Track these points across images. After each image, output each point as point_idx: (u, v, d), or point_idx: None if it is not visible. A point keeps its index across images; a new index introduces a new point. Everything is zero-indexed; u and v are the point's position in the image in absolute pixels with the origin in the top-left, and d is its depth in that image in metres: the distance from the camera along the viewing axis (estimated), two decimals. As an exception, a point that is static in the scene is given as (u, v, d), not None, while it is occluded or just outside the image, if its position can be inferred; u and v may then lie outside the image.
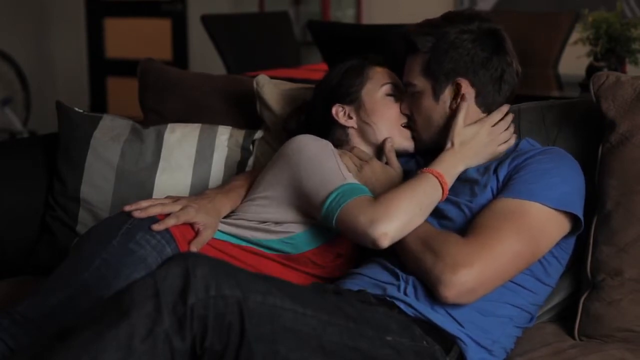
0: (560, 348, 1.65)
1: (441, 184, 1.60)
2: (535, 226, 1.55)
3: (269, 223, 1.71)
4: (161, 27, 5.96)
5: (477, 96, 1.69)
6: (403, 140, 1.78)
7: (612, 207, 1.69)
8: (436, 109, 1.71)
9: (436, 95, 1.70)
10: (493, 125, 1.68)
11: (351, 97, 1.80)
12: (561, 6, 4.60)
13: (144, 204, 1.65)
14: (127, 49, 6.02)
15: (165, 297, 1.23)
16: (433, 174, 1.60)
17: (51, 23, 6.31)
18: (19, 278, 2.04)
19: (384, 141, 1.77)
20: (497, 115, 1.69)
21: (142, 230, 1.60)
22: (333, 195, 1.57)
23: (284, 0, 5.68)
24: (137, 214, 1.62)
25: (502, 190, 1.61)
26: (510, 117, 1.71)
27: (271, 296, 1.28)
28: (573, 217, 1.60)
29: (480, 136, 1.66)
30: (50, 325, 1.48)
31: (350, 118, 1.80)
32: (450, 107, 1.70)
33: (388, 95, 1.79)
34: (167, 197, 1.72)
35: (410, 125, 1.77)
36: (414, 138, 1.78)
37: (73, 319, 1.32)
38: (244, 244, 1.70)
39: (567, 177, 1.62)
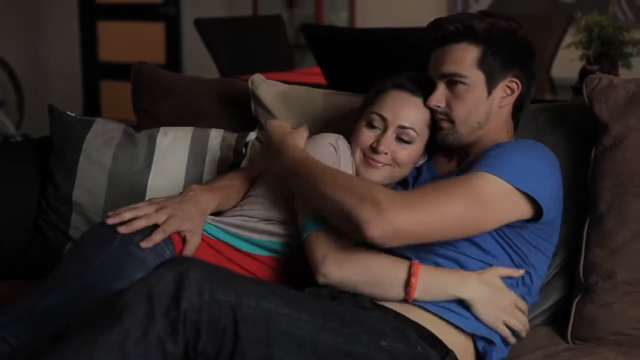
0: (553, 351, 1.66)
1: (409, 283, 1.50)
2: (483, 194, 1.49)
3: (273, 222, 1.70)
4: (155, 31, 5.95)
5: (519, 93, 1.67)
6: (363, 171, 1.69)
7: (604, 209, 1.69)
8: (484, 103, 1.64)
9: (489, 90, 1.64)
10: (517, 307, 1.57)
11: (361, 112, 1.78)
12: (554, 9, 4.62)
13: (126, 215, 1.60)
14: (121, 52, 6.02)
15: (158, 300, 1.23)
16: (412, 265, 1.51)
17: (44, 26, 6.31)
18: (12, 281, 2.04)
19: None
20: (524, 304, 1.59)
21: (141, 234, 1.59)
22: (312, 217, 1.58)
23: (278, 3, 5.69)
24: (122, 230, 1.58)
25: None
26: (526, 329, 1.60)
27: (265, 301, 1.28)
28: (537, 203, 1.54)
29: (502, 299, 1.54)
30: (53, 323, 1.48)
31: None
32: (498, 104, 1.65)
33: (369, 124, 1.70)
34: (149, 202, 1.67)
35: (442, 118, 1.67)
36: (446, 130, 1.66)
37: (75, 318, 1.31)
38: (246, 249, 1.69)
39: (532, 158, 1.57)
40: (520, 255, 1.59)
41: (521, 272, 1.58)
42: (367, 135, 1.69)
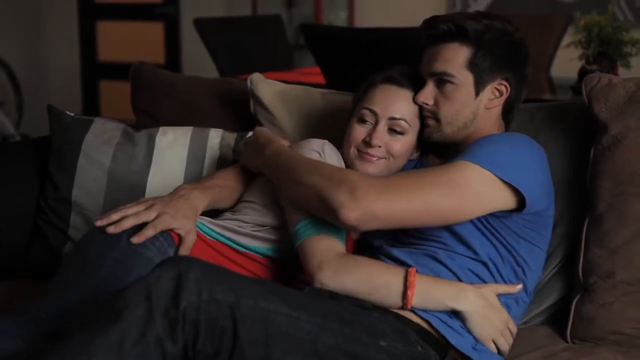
0: (552, 351, 1.66)
1: (406, 294, 1.48)
2: (461, 182, 1.49)
3: (267, 228, 1.70)
4: (154, 31, 5.95)
5: (507, 96, 1.66)
6: (359, 166, 1.68)
7: (603, 209, 1.69)
8: (471, 104, 1.64)
9: (477, 91, 1.64)
10: (509, 327, 1.56)
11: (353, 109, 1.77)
12: (553, 9, 4.62)
13: (114, 216, 1.59)
14: (120, 52, 6.01)
15: (157, 300, 1.23)
16: (409, 276, 1.50)
17: (44, 26, 6.30)
18: (13, 281, 2.04)
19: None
20: (514, 327, 1.58)
21: None
22: (303, 223, 1.57)
23: (277, 3, 5.69)
24: (110, 230, 1.57)
25: None
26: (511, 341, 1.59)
27: (264, 300, 1.28)
28: (521, 193, 1.53)
29: (496, 317, 1.53)
30: (66, 324, 1.47)
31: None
32: (485, 105, 1.65)
33: (360, 119, 1.70)
34: (137, 202, 1.65)
35: (429, 115, 1.67)
36: (432, 128, 1.67)
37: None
38: (242, 249, 1.69)
39: (515, 148, 1.57)
40: (507, 248, 1.58)
41: (519, 287, 1.58)
42: (359, 131, 1.69)
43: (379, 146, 1.67)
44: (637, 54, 2.94)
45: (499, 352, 1.55)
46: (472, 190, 1.50)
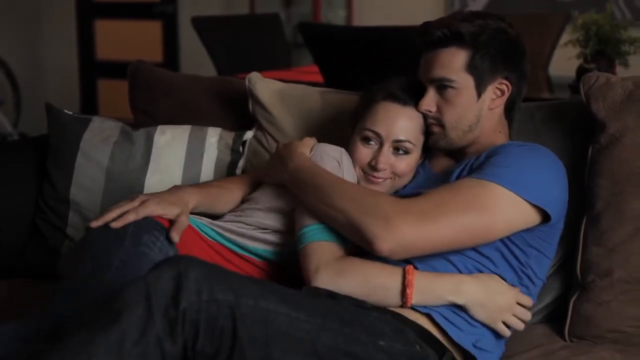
0: (550, 349, 1.66)
1: (405, 293, 1.49)
2: (491, 205, 1.50)
3: (270, 231, 1.70)
4: (152, 29, 5.95)
5: (509, 94, 1.66)
6: (366, 186, 1.69)
7: (601, 207, 1.69)
8: (474, 106, 1.64)
9: (478, 92, 1.63)
10: (520, 302, 1.56)
11: (353, 126, 1.76)
12: (552, 8, 4.62)
13: (109, 216, 1.60)
14: (118, 51, 6.01)
15: (157, 300, 1.23)
16: (407, 274, 1.50)
17: (42, 24, 6.30)
18: (11, 280, 2.04)
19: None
20: (528, 300, 1.58)
21: (148, 233, 1.58)
22: (311, 227, 1.57)
23: (275, 2, 5.69)
24: (93, 224, 1.58)
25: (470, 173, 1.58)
26: (529, 314, 1.59)
27: (264, 300, 1.28)
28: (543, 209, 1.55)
29: (499, 300, 1.53)
30: (70, 323, 1.47)
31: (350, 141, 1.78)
32: (489, 106, 1.64)
33: (364, 139, 1.69)
34: (132, 197, 1.66)
35: (432, 122, 1.67)
36: (437, 135, 1.67)
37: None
38: (243, 252, 1.69)
39: (540, 167, 1.57)
40: (519, 258, 1.58)
41: (516, 289, 1.57)
42: (364, 153, 1.69)
43: (385, 169, 1.67)
44: (635, 53, 2.95)
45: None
46: (501, 212, 1.51)
